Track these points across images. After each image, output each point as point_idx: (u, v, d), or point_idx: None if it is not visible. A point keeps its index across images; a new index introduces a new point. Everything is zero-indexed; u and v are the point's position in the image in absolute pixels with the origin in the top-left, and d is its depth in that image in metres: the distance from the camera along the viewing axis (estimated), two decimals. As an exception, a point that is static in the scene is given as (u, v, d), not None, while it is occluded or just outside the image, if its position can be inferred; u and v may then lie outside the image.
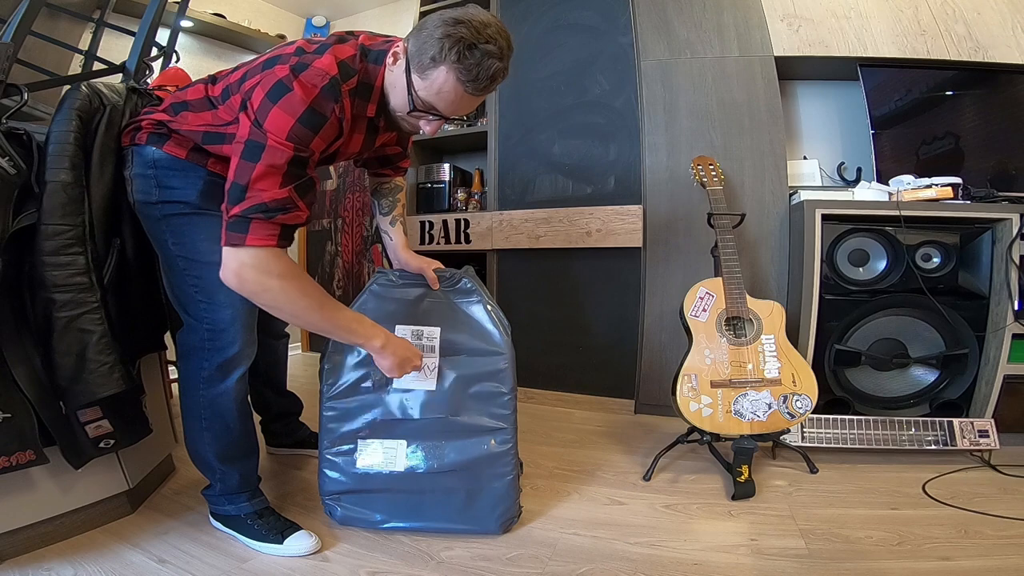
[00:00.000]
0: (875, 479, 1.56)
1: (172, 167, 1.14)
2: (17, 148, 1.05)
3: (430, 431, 1.29)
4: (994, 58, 1.97)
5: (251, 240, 0.95)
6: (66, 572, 1.11)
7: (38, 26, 1.21)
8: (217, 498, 1.28)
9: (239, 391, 1.23)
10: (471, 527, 1.28)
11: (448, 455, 1.28)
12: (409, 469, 1.28)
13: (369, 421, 1.30)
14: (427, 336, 1.32)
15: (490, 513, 1.27)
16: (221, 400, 1.21)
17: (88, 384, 1.09)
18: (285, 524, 1.25)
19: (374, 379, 1.29)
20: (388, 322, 1.27)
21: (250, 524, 1.25)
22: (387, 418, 1.30)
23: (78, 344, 1.09)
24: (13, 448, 1.04)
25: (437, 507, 1.29)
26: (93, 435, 1.19)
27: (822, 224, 1.78)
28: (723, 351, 1.55)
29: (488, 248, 2.49)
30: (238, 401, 1.24)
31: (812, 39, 2.10)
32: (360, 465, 1.28)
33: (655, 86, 2.23)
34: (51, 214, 1.07)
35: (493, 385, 1.31)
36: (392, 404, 1.31)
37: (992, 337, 1.74)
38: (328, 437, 1.30)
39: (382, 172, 1.48)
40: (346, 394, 1.30)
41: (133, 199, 1.16)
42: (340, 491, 1.30)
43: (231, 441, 1.24)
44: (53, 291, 1.06)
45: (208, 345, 1.18)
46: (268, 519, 1.26)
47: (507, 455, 1.28)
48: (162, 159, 1.13)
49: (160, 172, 1.13)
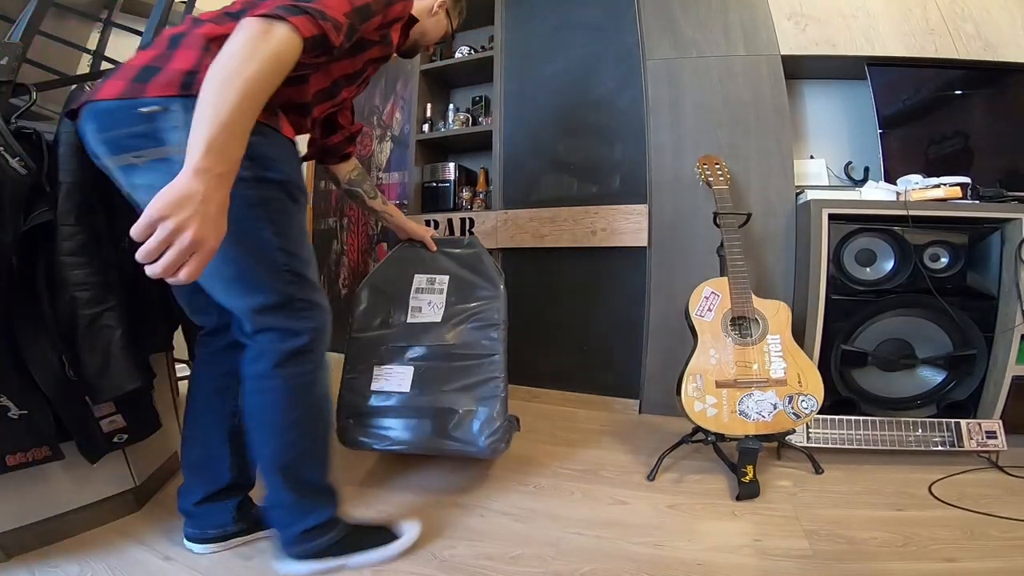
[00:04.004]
0: (881, 480, 1.55)
1: (262, 133, 0.91)
2: (27, 147, 1.05)
3: (430, 357, 1.52)
4: (1004, 57, 1.95)
5: (300, 23, 0.83)
6: (72, 569, 1.12)
7: (46, 26, 1.22)
8: (326, 528, 1.09)
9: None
10: (462, 447, 1.42)
11: (447, 376, 1.49)
12: (415, 390, 1.48)
13: (383, 349, 1.53)
14: (439, 281, 1.63)
15: (479, 435, 1.41)
16: (326, 398, 1.10)
17: (114, 379, 1.12)
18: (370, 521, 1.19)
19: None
20: (407, 271, 1.63)
21: (362, 535, 1.14)
22: (399, 344, 1.54)
23: (104, 340, 1.11)
24: (29, 444, 1.06)
25: (424, 426, 1.45)
26: (108, 430, 1.21)
27: (829, 224, 1.78)
28: (728, 351, 1.55)
29: (493, 247, 2.49)
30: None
31: (819, 38, 2.09)
32: (374, 387, 1.49)
33: (661, 85, 2.23)
34: (68, 215, 1.08)
35: (489, 318, 1.57)
36: (403, 334, 1.56)
37: (1000, 338, 1.72)
38: (349, 363, 1.53)
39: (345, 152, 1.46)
40: (365, 328, 1.57)
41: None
42: (354, 413, 1.47)
43: (329, 440, 1.11)
44: (75, 289, 1.08)
45: (311, 346, 1.03)
46: (362, 520, 1.18)
47: (497, 379, 1.49)
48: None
49: (251, 139, 0.82)
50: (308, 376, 1.05)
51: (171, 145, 0.87)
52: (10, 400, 1.03)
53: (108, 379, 1.11)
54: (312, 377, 1.05)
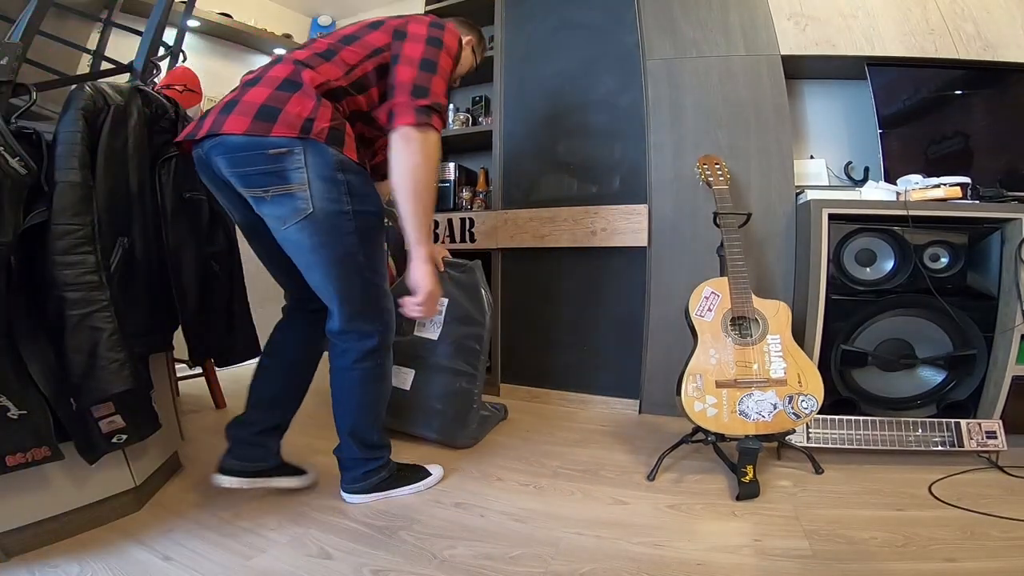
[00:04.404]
0: (881, 480, 1.55)
1: (355, 171, 1.19)
2: (27, 147, 1.06)
3: (428, 366, 1.90)
4: (1004, 57, 1.95)
5: (436, 123, 1.22)
6: (72, 569, 1.11)
7: (46, 26, 1.22)
8: (380, 470, 1.43)
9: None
10: (441, 437, 1.83)
11: (437, 383, 1.88)
12: (411, 388, 1.90)
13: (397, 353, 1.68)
14: (440, 302, 1.89)
15: (457, 434, 1.83)
16: (388, 380, 1.42)
17: (99, 381, 1.11)
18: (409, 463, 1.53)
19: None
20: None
21: (404, 473, 1.48)
22: (408, 352, 1.91)
23: (89, 342, 1.10)
24: (29, 444, 1.06)
25: (422, 418, 1.87)
26: (106, 430, 1.20)
27: (829, 224, 1.78)
28: (728, 351, 1.55)
29: (493, 247, 2.49)
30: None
31: (819, 38, 2.09)
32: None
33: (661, 85, 2.23)
34: (61, 213, 1.08)
35: (473, 343, 1.90)
36: (412, 343, 1.93)
37: (1001, 338, 1.72)
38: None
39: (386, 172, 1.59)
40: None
41: (312, 205, 1.12)
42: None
43: (385, 410, 1.44)
44: (64, 289, 1.08)
45: (380, 345, 1.32)
46: (404, 462, 1.52)
47: (473, 392, 1.87)
48: (347, 163, 1.17)
49: (350, 178, 1.17)
50: (377, 369, 1.35)
51: (294, 183, 1.12)
52: (9, 400, 1.03)
53: (94, 380, 1.10)
54: (380, 370, 1.36)
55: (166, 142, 1.36)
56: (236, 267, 1.59)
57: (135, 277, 1.24)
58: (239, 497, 1.44)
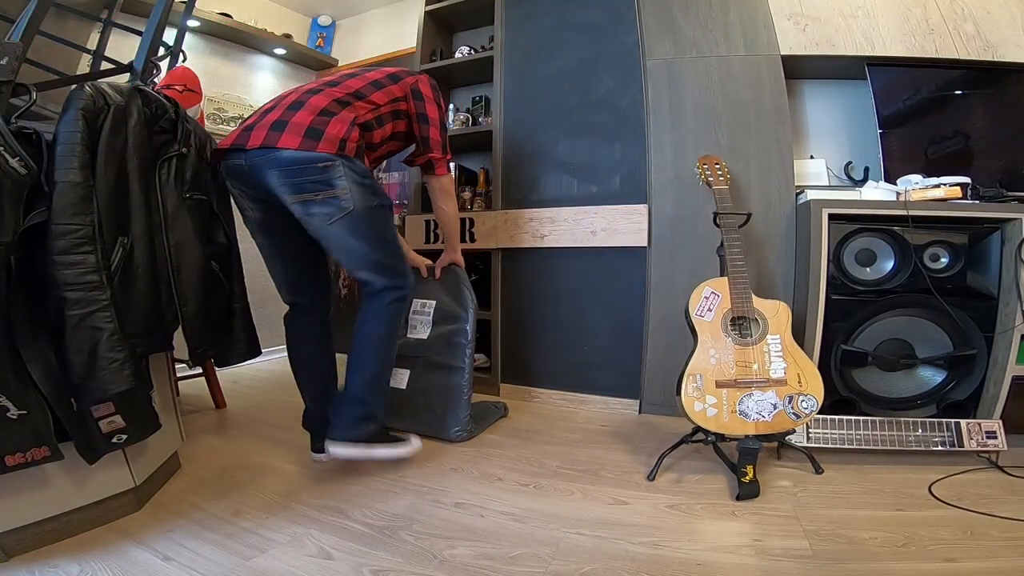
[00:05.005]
0: (881, 480, 1.55)
1: (371, 176, 1.53)
2: (27, 147, 1.06)
3: (420, 364, 2.04)
4: (1004, 57, 1.95)
5: (449, 172, 1.85)
6: (72, 569, 1.12)
7: (46, 26, 1.22)
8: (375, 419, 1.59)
9: None
10: (433, 432, 1.92)
11: (428, 380, 2.01)
12: (407, 387, 2.02)
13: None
14: (428, 305, 2.10)
15: (449, 427, 1.92)
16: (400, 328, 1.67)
17: (99, 381, 1.11)
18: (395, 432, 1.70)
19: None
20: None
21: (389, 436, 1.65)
22: (402, 353, 1.98)
23: (89, 342, 1.10)
24: (29, 444, 1.06)
25: (415, 415, 1.97)
26: (106, 430, 1.21)
27: (829, 224, 1.78)
28: (728, 351, 1.55)
29: (493, 247, 2.49)
30: None
31: (819, 38, 2.09)
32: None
33: (661, 85, 2.23)
34: (61, 214, 1.08)
35: (459, 338, 2.01)
36: (405, 344, 2.05)
37: (1001, 338, 1.72)
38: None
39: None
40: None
41: (353, 204, 1.42)
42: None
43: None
44: (64, 289, 1.07)
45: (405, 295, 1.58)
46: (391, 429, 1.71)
47: (462, 387, 1.96)
48: (367, 171, 1.52)
49: (371, 181, 1.50)
50: (401, 312, 1.60)
51: (339, 188, 1.42)
52: (9, 400, 1.03)
53: (94, 380, 1.10)
54: (402, 314, 1.62)
55: (166, 142, 1.36)
56: (236, 267, 1.59)
57: (135, 277, 1.24)
58: (239, 497, 1.44)
